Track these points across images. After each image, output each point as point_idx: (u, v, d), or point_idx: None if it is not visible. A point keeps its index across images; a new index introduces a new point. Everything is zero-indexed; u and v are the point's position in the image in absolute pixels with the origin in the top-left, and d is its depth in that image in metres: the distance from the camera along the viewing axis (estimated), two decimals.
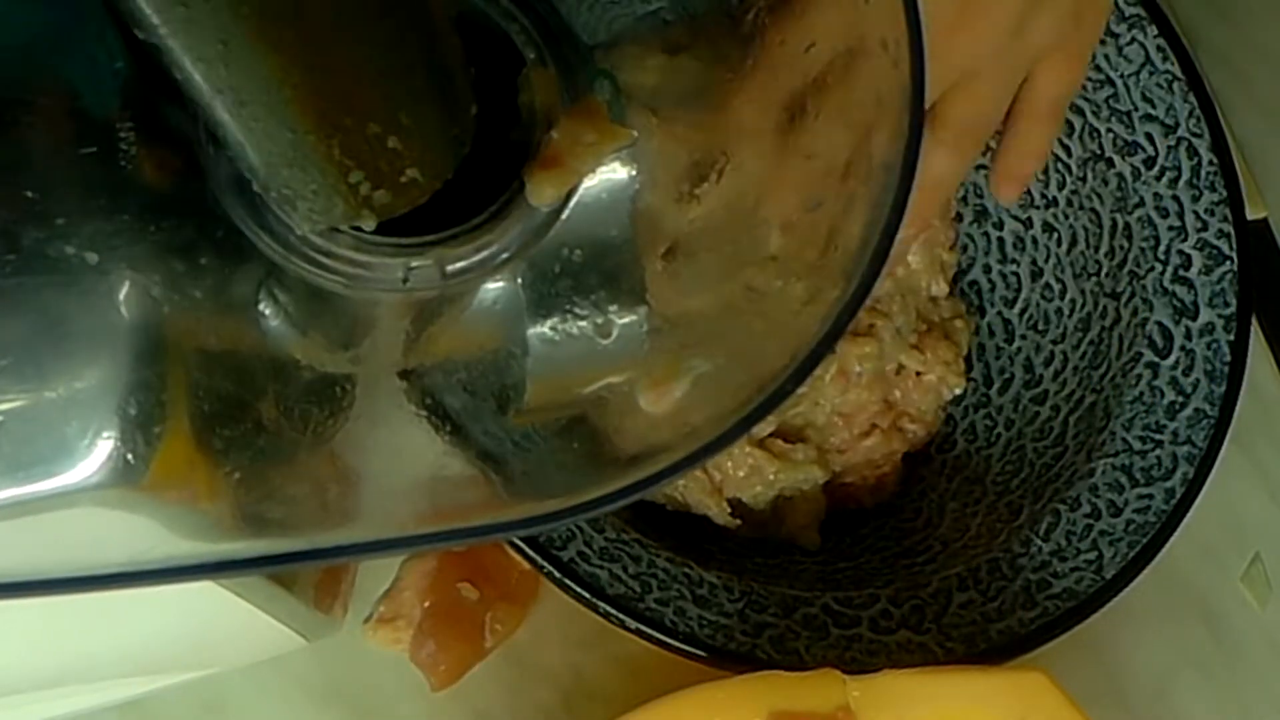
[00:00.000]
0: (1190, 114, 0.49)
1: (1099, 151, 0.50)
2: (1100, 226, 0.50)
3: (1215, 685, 0.52)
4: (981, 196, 0.53)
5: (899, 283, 0.51)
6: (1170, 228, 0.49)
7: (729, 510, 0.49)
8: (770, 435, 0.50)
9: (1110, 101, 0.49)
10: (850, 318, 0.27)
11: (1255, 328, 0.51)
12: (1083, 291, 0.51)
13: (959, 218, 0.54)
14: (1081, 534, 0.47)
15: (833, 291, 0.28)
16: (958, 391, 0.52)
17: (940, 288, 0.52)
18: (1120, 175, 0.49)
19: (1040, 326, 0.52)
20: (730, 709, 0.39)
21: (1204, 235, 0.48)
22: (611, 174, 0.32)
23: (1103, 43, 0.49)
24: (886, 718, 0.39)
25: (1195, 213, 0.49)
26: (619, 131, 0.31)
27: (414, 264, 0.31)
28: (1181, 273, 0.49)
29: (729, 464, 0.49)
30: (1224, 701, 0.52)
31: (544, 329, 0.31)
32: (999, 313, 0.53)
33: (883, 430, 0.51)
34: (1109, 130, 0.50)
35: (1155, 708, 0.52)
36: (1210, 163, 0.49)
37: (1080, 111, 0.50)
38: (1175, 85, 0.49)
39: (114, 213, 0.30)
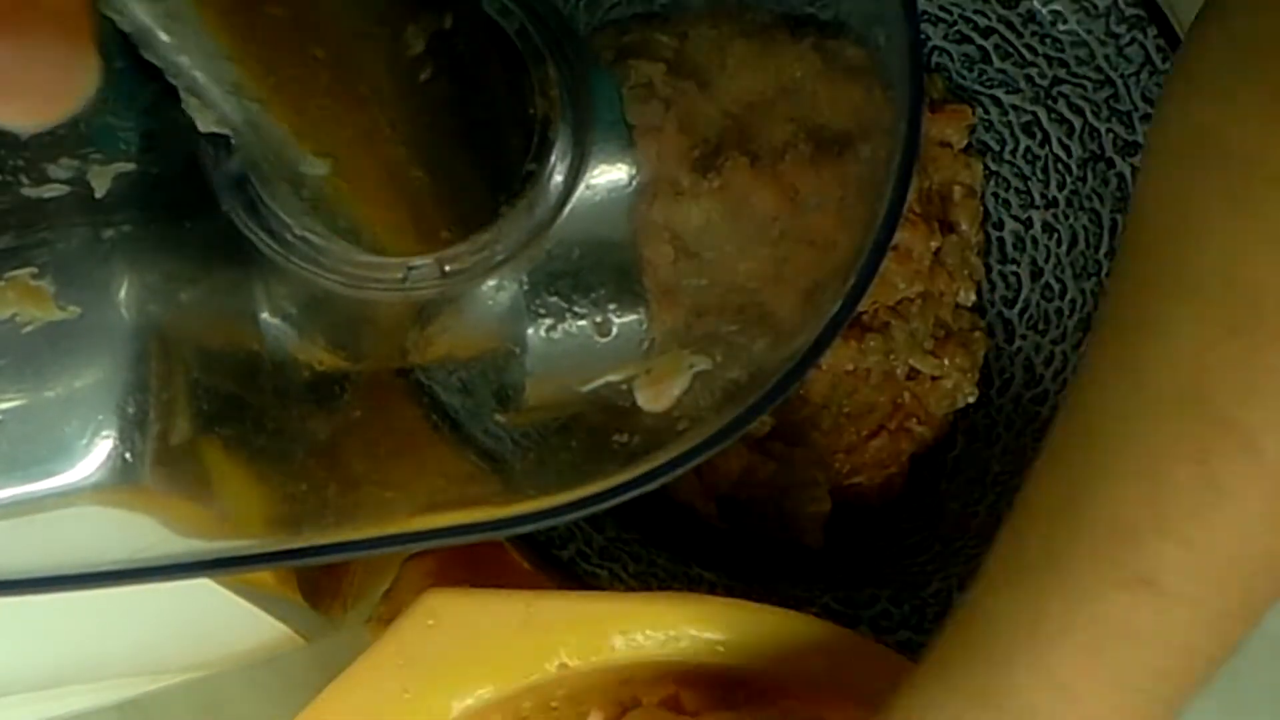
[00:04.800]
0: None
1: (1099, 151, 0.50)
2: (1100, 226, 0.50)
3: (1215, 685, 0.52)
4: (981, 196, 0.53)
5: (926, 287, 0.51)
6: None
7: (715, 512, 0.49)
8: (769, 437, 0.50)
9: (1110, 101, 0.49)
10: (847, 315, 0.27)
11: None
12: (1083, 291, 0.51)
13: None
14: None
15: (830, 289, 0.28)
16: (970, 400, 0.52)
17: (968, 296, 0.52)
18: (1120, 175, 0.49)
19: (1040, 326, 0.52)
20: None
21: None
22: (611, 173, 0.32)
23: (1102, 43, 0.49)
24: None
25: None
26: None
27: (413, 264, 0.31)
28: None
29: (724, 465, 0.49)
30: (1224, 701, 0.52)
31: (543, 328, 0.31)
32: (999, 313, 0.53)
33: (890, 431, 0.51)
34: (1109, 130, 0.50)
35: None
36: None
37: (1080, 111, 0.50)
38: None
39: (113, 211, 0.30)
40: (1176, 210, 0.28)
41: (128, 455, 0.28)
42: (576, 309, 0.31)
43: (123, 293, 0.30)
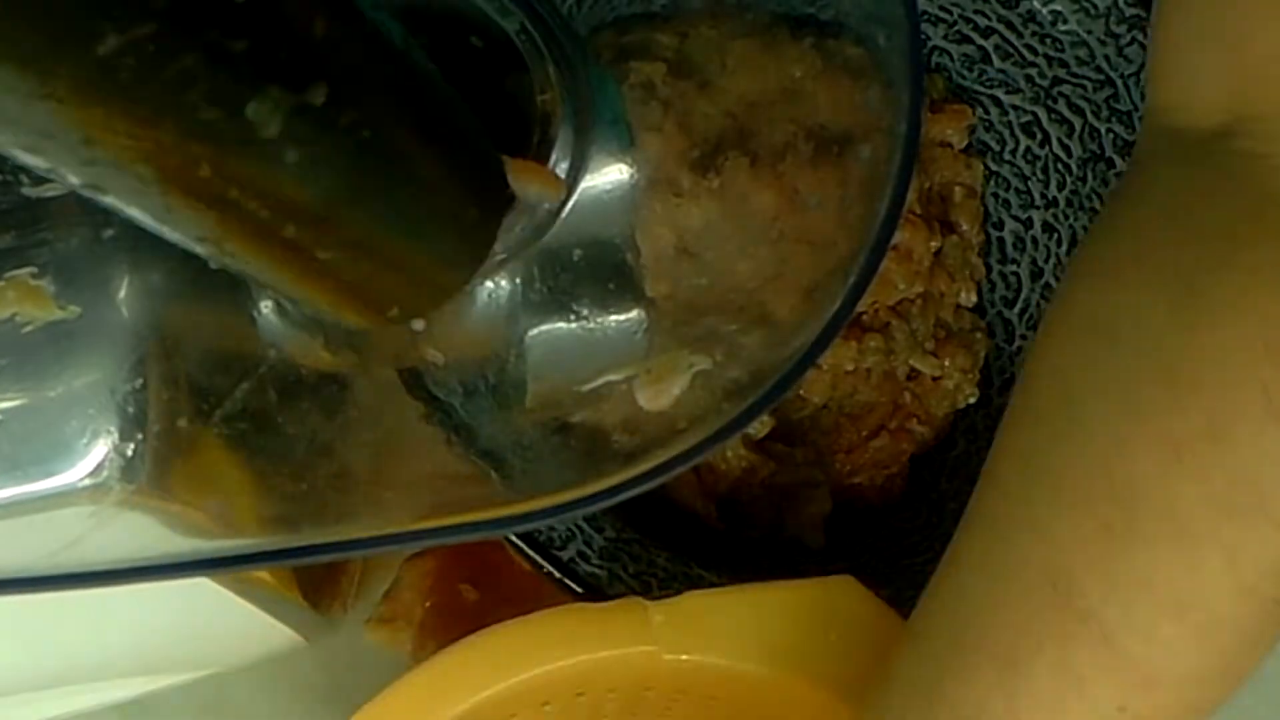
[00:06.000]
0: None
1: (1099, 151, 0.50)
2: None
3: None
4: (981, 196, 0.53)
5: (927, 288, 0.51)
6: None
7: (715, 513, 0.49)
8: (769, 438, 0.50)
9: (1110, 101, 0.49)
10: (847, 315, 0.27)
11: None
12: None
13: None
14: None
15: (829, 289, 0.28)
16: (971, 400, 0.52)
17: (968, 296, 0.52)
18: (1120, 175, 0.49)
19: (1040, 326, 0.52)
20: (537, 648, 0.38)
21: None
22: (611, 173, 0.32)
23: (1103, 43, 0.49)
24: (692, 640, 0.38)
25: None
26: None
27: None
28: None
29: (723, 466, 0.48)
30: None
31: (543, 327, 0.31)
32: (999, 313, 0.53)
33: (890, 431, 0.51)
34: (1109, 130, 0.50)
35: None
36: None
37: (1080, 111, 0.50)
38: None
39: (112, 211, 0.30)
40: (1065, 399, 0.29)
41: (128, 455, 0.28)
42: (576, 308, 0.31)
43: (123, 292, 0.30)
